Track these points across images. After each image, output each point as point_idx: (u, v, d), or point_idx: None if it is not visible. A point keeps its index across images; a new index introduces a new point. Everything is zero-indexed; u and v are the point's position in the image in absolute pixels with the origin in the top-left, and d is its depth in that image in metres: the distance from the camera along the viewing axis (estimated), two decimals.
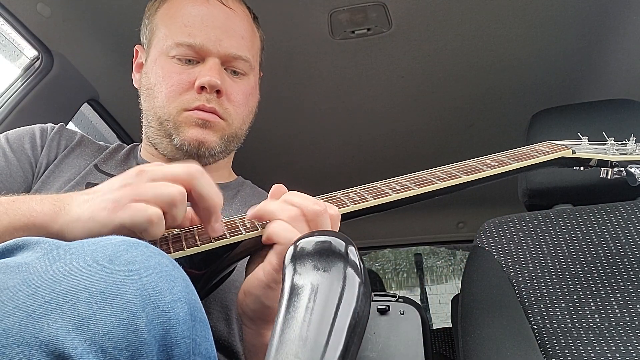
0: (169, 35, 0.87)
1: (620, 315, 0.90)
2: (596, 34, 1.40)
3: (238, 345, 0.73)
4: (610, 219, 1.04)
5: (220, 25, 0.87)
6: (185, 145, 0.85)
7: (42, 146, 0.90)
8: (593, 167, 0.78)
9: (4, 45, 1.28)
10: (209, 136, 0.85)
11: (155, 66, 0.88)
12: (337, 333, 0.41)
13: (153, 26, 0.91)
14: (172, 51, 0.86)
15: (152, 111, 0.89)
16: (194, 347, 0.42)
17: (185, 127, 0.85)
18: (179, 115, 0.85)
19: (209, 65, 0.85)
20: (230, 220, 0.65)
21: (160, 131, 0.88)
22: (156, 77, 0.87)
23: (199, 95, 0.84)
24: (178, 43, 0.85)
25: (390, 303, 1.56)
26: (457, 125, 1.81)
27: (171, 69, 0.86)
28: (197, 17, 0.86)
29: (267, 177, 1.67)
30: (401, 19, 1.34)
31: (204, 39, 0.85)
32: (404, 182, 0.67)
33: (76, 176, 0.85)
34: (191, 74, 0.85)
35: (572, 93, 1.61)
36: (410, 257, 4.64)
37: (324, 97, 1.66)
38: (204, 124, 0.85)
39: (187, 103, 0.85)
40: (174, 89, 0.85)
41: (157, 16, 0.91)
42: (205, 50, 0.85)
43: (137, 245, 0.43)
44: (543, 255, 1.02)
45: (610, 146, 0.79)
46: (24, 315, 0.34)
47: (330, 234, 0.47)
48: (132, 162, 0.93)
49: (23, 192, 0.84)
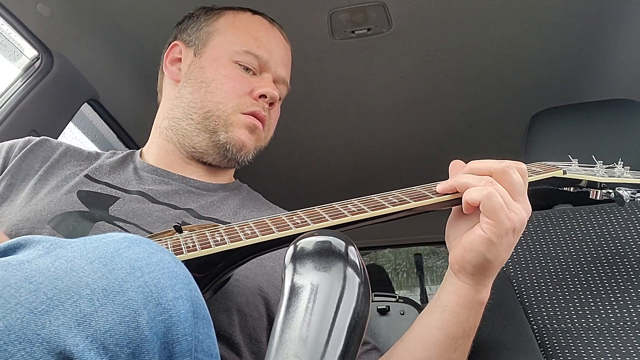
0: (236, 42, 0.94)
1: (620, 315, 0.90)
2: (596, 34, 1.40)
3: (238, 335, 0.74)
4: (610, 219, 1.04)
5: (280, 51, 0.98)
6: (229, 144, 0.90)
7: (4, 164, 0.90)
8: (583, 187, 0.81)
9: (4, 45, 1.28)
10: (252, 142, 0.93)
11: (215, 65, 0.93)
12: (337, 333, 0.41)
13: (211, 29, 0.97)
14: (238, 56, 0.93)
15: (200, 104, 0.92)
16: (196, 345, 0.42)
17: (236, 127, 0.90)
18: (234, 115, 0.91)
19: (268, 79, 0.94)
20: (230, 227, 0.65)
21: (201, 125, 0.91)
22: (216, 74, 0.92)
23: (257, 102, 0.92)
24: (247, 51, 0.93)
25: (390, 303, 1.57)
26: (457, 125, 1.81)
27: (234, 72, 0.92)
28: (267, 37, 0.97)
29: (267, 177, 1.68)
30: (401, 19, 1.34)
31: (270, 56, 0.95)
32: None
33: (64, 185, 0.85)
34: (250, 82, 0.93)
35: (572, 93, 1.61)
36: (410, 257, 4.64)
37: (323, 97, 1.66)
38: (253, 130, 0.92)
39: (244, 106, 0.91)
40: (236, 90, 0.91)
41: (219, 23, 0.98)
42: (266, 65, 0.94)
43: (139, 242, 0.43)
44: (543, 255, 1.02)
45: (599, 168, 0.83)
46: (26, 312, 0.34)
47: (330, 234, 0.47)
48: (129, 166, 0.93)
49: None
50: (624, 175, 0.81)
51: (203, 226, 0.68)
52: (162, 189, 0.87)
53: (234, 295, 0.74)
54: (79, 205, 0.80)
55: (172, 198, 0.86)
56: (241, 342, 0.74)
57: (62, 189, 0.84)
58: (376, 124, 1.81)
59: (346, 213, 0.63)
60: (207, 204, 0.87)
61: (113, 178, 0.89)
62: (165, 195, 0.86)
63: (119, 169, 0.92)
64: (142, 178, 0.90)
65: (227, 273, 0.65)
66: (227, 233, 0.63)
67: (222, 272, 0.63)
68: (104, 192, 0.85)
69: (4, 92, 1.25)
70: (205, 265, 0.61)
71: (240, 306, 0.74)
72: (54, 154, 0.92)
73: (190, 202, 0.86)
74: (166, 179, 0.90)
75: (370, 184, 1.16)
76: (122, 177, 0.90)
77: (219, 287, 0.67)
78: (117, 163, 0.93)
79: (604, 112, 1.15)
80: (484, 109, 1.73)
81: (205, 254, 0.60)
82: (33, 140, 0.94)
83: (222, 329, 0.72)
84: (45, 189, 0.85)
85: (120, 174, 0.91)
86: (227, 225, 0.67)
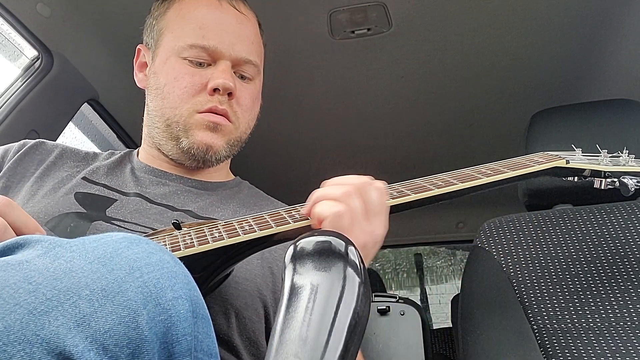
0: (181, 37, 0.87)
1: (620, 315, 0.90)
2: (596, 34, 1.40)
3: (237, 338, 0.74)
4: (610, 219, 1.04)
5: (233, 29, 0.88)
6: (193, 148, 0.85)
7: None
8: (587, 177, 0.80)
9: (4, 45, 1.28)
10: (218, 140, 0.86)
11: (165, 66, 0.88)
12: (337, 333, 0.41)
13: (161, 26, 0.91)
14: (185, 52, 0.86)
15: (160, 112, 0.88)
16: (196, 344, 0.42)
17: (196, 130, 0.85)
18: (191, 117, 0.85)
19: (222, 67, 0.86)
20: (228, 223, 0.65)
21: (166, 133, 0.88)
22: (167, 77, 0.87)
23: (212, 97, 0.85)
24: (192, 45, 0.85)
25: (390, 304, 1.57)
26: (457, 125, 1.81)
27: (183, 70, 0.86)
28: (211, 20, 0.87)
29: (267, 177, 1.68)
30: (401, 19, 1.34)
31: (217, 42, 0.86)
32: (402, 189, 0.69)
33: (61, 187, 0.84)
34: (203, 76, 0.85)
35: (572, 93, 1.61)
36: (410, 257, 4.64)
37: (323, 97, 1.66)
38: (214, 128, 0.85)
39: (199, 105, 0.85)
40: (187, 90, 0.85)
41: (167, 17, 0.91)
42: (218, 53, 0.86)
43: (138, 242, 0.43)
44: (543, 255, 1.02)
45: (603, 157, 0.81)
46: (25, 312, 0.34)
47: (330, 234, 0.47)
48: (126, 167, 0.92)
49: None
50: (629, 163, 0.79)
51: (202, 223, 0.68)
52: (160, 191, 0.87)
53: (232, 298, 0.73)
54: (76, 206, 0.79)
55: (171, 199, 0.85)
56: (240, 345, 0.74)
57: (59, 191, 0.83)
58: (376, 124, 1.81)
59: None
60: (206, 205, 0.87)
61: (110, 180, 0.88)
62: (163, 196, 0.85)
63: (116, 170, 0.91)
64: (140, 179, 0.89)
65: (226, 269, 0.65)
66: (226, 229, 0.63)
67: (220, 268, 0.63)
68: (101, 194, 0.84)
69: (4, 92, 1.25)
70: (203, 261, 0.60)
71: (238, 309, 0.74)
72: (50, 156, 0.91)
73: (189, 203, 0.86)
74: (163, 179, 0.89)
75: None
76: (120, 179, 0.89)
77: (218, 284, 0.67)
78: (114, 164, 0.92)
79: (604, 112, 1.15)
80: (484, 109, 1.73)
81: (203, 250, 0.60)
82: (28, 143, 0.93)
83: (221, 331, 0.72)
84: (42, 191, 0.84)
85: (117, 175, 0.90)
86: (226, 221, 0.67)
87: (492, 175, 0.72)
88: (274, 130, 1.77)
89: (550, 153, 0.81)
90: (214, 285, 0.65)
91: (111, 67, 1.45)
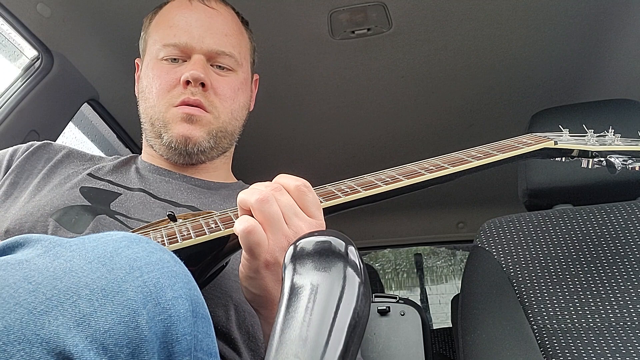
0: (157, 40, 0.93)
1: (620, 315, 0.90)
2: (596, 34, 1.40)
3: (236, 331, 0.74)
4: (610, 219, 1.04)
5: (203, 24, 0.92)
6: (173, 142, 0.88)
7: (7, 167, 0.91)
8: (575, 157, 0.81)
9: (4, 45, 1.28)
10: (196, 131, 0.88)
11: (147, 70, 0.93)
12: (337, 333, 0.41)
13: (147, 36, 0.97)
14: (161, 53, 0.91)
15: (144, 112, 0.94)
16: (196, 344, 0.42)
17: (173, 123, 0.88)
18: (167, 112, 0.89)
19: (193, 60, 0.89)
20: (224, 213, 0.66)
21: (152, 132, 0.92)
22: (147, 79, 0.92)
23: (185, 90, 0.88)
24: (165, 44, 0.91)
25: (390, 304, 1.56)
26: (457, 125, 1.81)
27: (160, 70, 0.91)
28: (181, 19, 0.92)
29: (267, 177, 1.67)
30: (401, 19, 1.34)
31: (187, 38, 0.90)
32: (393, 174, 0.68)
33: (66, 182, 0.86)
34: (178, 71, 0.89)
35: (572, 93, 1.61)
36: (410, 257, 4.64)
37: (324, 97, 1.66)
38: (189, 119, 0.88)
39: (174, 99, 0.88)
40: (163, 87, 0.89)
41: (150, 28, 0.97)
42: (189, 48, 0.90)
43: (138, 241, 0.43)
44: (543, 255, 1.02)
45: (590, 137, 0.82)
46: (25, 312, 0.34)
47: (330, 234, 0.47)
48: (131, 166, 0.95)
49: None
50: (614, 142, 0.80)
51: (197, 214, 0.69)
52: (164, 187, 0.89)
53: (232, 291, 0.74)
54: (81, 200, 0.81)
55: (174, 195, 0.87)
56: (238, 338, 0.74)
57: (65, 185, 0.86)
58: (376, 123, 1.81)
59: (340, 195, 0.66)
60: (208, 202, 0.88)
61: (115, 176, 0.91)
62: (166, 192, 0.87)
63: (121, 168, 0.94)
64: (144, 177, 0.91)
65: (223, 260, 0.65)
66: (222, 220, 0.63)
67: (217, 259, 0.63)
68: (106, 188, 0.86)
69: (4, 92, 1.25)
70: (201, 253, 0.61)
71: (237, 302, 0.74)
72: (57, 155, 0.94)
73: (192, 199, 0.87)
74: (167, 177, 0.92)
75: None
76: (125, 176, 0.91)
77: (214, 276, 0.67)
78: (119, 164, 0.95)
79: (604, 112, 1.15)
80: (484, 109, 1.73)
81: (200, 242, 0.60)
82: (36, 144, 0.96)
83: (220, 324, 0.72)
84: (49, 186, 0.86)
85: (122, 172, 0.93)
86: (222, 212, 0.67)
87: (482, 158, 0.73)
88: (273, 129, 1.77)
89: (538, 134, 0.81)
90: (210, 276, 0.66)
91: (111, 67, 1.45)
